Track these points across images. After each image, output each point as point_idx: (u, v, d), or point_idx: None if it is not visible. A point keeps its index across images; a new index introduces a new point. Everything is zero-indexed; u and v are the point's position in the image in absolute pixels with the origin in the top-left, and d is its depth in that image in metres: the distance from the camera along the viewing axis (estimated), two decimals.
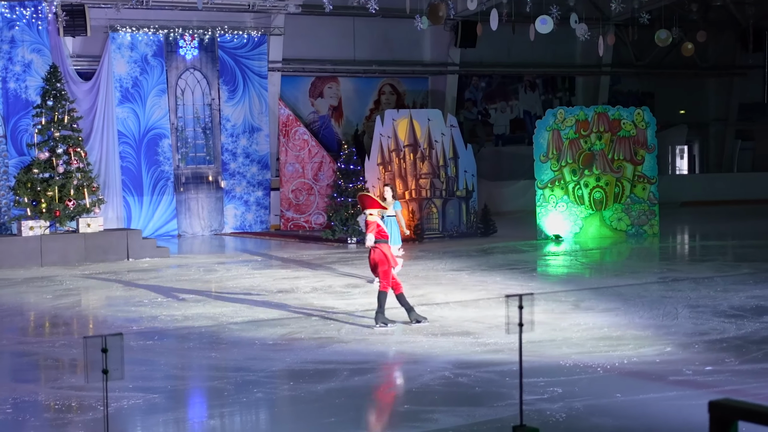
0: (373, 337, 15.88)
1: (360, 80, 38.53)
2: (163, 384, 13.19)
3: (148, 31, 33.35)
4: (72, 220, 26.75)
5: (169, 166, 33.66)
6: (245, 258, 27.39)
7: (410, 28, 32.41)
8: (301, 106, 37.28)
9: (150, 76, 33.43)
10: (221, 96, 34.70)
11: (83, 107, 31.62)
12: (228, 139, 34.74)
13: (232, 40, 34.67)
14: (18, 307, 19.71)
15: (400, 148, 30.98)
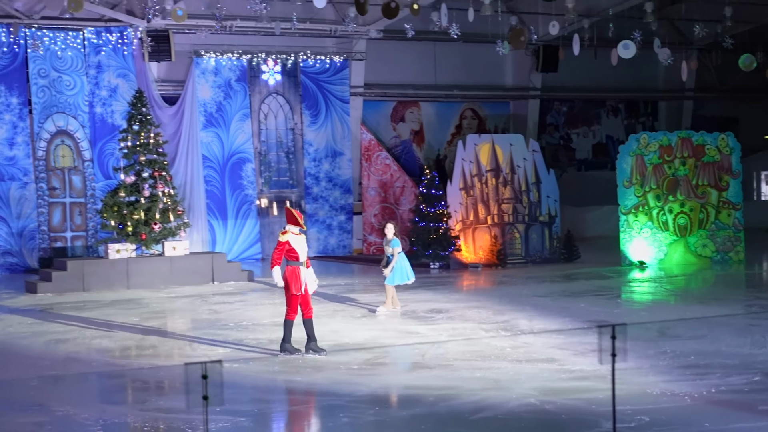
0: (458, 363, 15.84)
1: (441, 105, 38.56)
2: (250, 407, 13.26)
3: (232, 56, 33.67)
4: (158, 243, 27.02)
5: (253, 190, 33.90)
6: (329, 282, 27.45)
7: (492, 53, 32.40)
8: (382, 130, 37.38)
9: (233, 100, 33.73)
10: (304, 120, 34.92)
11: (168, 131, 31.98)
12: (311, 163, 34.93)
13: (315, 65, 34.90)
14: (106, 330, 19.93)
15: (482, 172, 30.95)
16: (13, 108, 30.97)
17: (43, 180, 31.29)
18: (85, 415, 12.95)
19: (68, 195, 31.65)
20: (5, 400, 14.06)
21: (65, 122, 31.64)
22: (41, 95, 31.33)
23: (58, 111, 31.61)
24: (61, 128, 31.63)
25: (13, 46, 30.95)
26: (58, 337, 18.91)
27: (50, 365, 16.42)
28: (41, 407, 13.45)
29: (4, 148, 30.84)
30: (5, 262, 30.57)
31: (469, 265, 30.14)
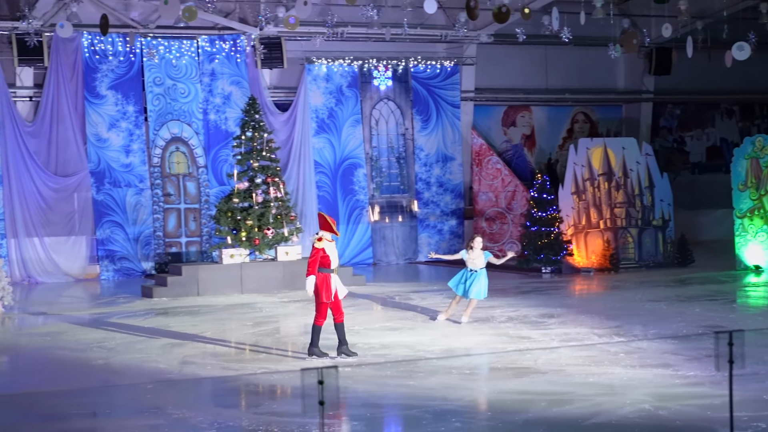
0: (570, 368, 15.75)
1: (553, 109, 38.35)
2: (362, 411, 13.33)
3: (343, 62, 33.88)
4: (271, 248, 27.26)
5: (364, 195, 34.05)
6: (440, 287, 27.43)
7: (603, 56, 32.16)
8: (493, 135, 37.29)
9: (345, 106, 33.93)
10: (415, 125, 34.99)
11: (280, 138, 32.29)
12: (422, 168, 34.98)
13: (425, 70, 34.96)
14: (220, 334, 20.17)
15: (595, 176, 30.72)
16: (129, 116, 31.51)
17: (159, 186, 31.78)
18: (200, 418, 13.12)
19: (183, 201, 32.10)
20: (123, 403, 14.31)
21: (180, 129, 32.11)
22: (156, 103, 31.83)
23: (173, 118, 32.08)
24: (175, 135, 32.10)
25: (130, 55, 31.50)
26: (174, 342, 19.19)
27: (165, 369, 16.67)
28: (157, 410, 13.66)
29: (120, 155, 31.39)
30: (122, 267, 31.10)
31: (581, 269, 29.93)
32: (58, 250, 30.69)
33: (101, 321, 22.57)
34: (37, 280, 30.28)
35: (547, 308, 22.50)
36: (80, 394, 14.88)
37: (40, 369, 16.82)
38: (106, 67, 31.29)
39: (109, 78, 31.33)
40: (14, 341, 20.00)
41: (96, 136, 31.12)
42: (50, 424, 13.07)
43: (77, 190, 31.03)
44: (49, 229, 30.61)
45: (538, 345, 17.91)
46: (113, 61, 31.35)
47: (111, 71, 31.35)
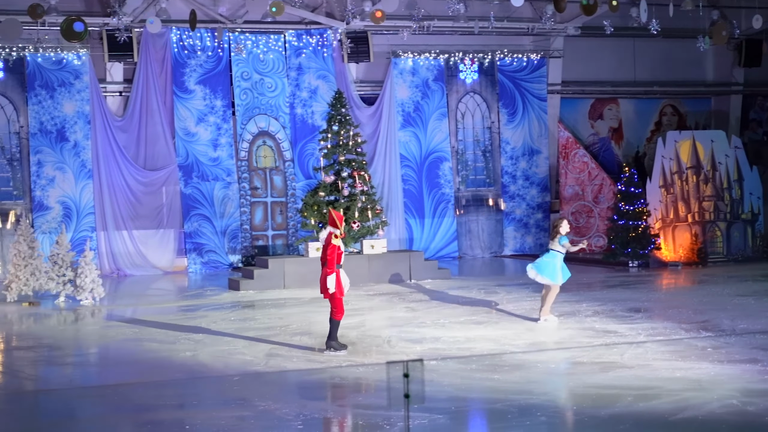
0: (657, 363, 15.64)
1: (640, 101, 38.00)
2: (447, 405, 13.34)
3: (429, 56, 33.87)
4: (356, 241, 27.36)
5: (450, 189, 34.02)
6: (525, 280, 27.32)
7: (692, 48, 31.83)
8: (580, 128, 37.05)
9: (431, 100, 33.92)
10: (501, 119, 34.88)
11: (367, 131, 32.37)
12: (507, 161, 34.87)
13: (512, 63, 34.83)
14: (306, 327, 20.28)
15: (683, 170, 30.42)
16: (217, 110, 31.79)
17: (246, 180, 32.01)
18: (286, 410, 13.23)
19: (270, 194, 32.32)
20: (210, 395, 14.46)
21: (267, 123, 32.31)
22: (244, 97, 32.07)
23: (260, 113, 32.29)
24: (262, 129, 32.32)
25: (218, 50, 31.77)
26: (260, 334, 19.35)
27: (252, 361, 16.81)
28: (243, 402, 13.80)
29: (208, 149, 31.68)
30: (209, 260, 31.38)
31: (668, 263, 29.69)
32: (146, 243, 31.07)
33: (189, 313, 22.82)
34: (126, 273, 30.68)
35: (633, 302, 22.35)
36: (168, 386, 15.07)
37: (128, 361, 17.05)
38: (194, 62, 31.59)
39: (198, 73, 31.62)
40: (103, 333, 20.29)
41: (184, 131, 31.43)
42: (138, 415, 13.25)
43: (166, 183, 31.38)
44: (137, 222, 30.99)
45: (625, 339, 17.80)
46: (201, 56, 31.65)
47: (199, 66, 31.64)
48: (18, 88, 30.32)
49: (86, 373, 16.28)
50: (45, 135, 30.27)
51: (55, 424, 13.03)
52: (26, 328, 21.33)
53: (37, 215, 29.96)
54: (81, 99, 30.56)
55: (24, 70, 30.23)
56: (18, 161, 30.35)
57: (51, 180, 30.21)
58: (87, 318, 22.35)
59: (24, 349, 18.67)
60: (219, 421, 12.76)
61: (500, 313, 21.40)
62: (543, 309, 19.95)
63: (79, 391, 14.89)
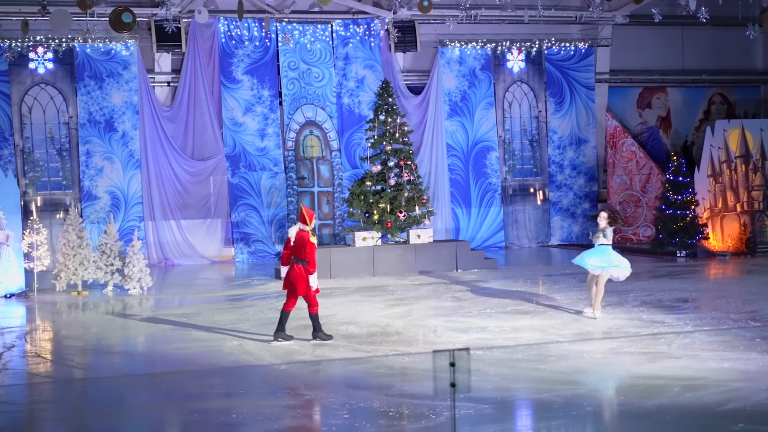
0: (704, 353, 15.56)
1: (689, 90, 37.73)
2: (494, 395, 13.34)
3: (476, 45, 33.79)
4: (403, 231, 27.37)
5: (497, 179, 33.96)
6: (572, 270, 27.27)
7: (741, 36, 31.50)
8: (628, 117, 36.84)
9: (478, 89, 33.85)
10: (548, 108, 34.77)
11: (413, 121, 32.38)
12: (554, 151, 34.75)
13: (559, 52, 34.69)
14: (352, 316, 20.33)
15: (732, 159, 30.20)
16: (264, 100, 31.88)
17: (293, 170, 32.09)
18: (332, 399, 13.28)
19: (316, 184, 32.38)
20: (257, 383, 14.52)
21: (314, 113, 32.37)
22: (291, 87, 32.15)
23: (307, 102, 32.35)
24: (309, 119, 32.38)
25: (265, 40, 31.85)
26: (307, 323, 19.39)
27: (298, 350, 16.87)
28: (290, 391, 13.86)
29: (255, 139, 31.78)
30: (256, 250, 31.50)
31: (716, 253, 29.50)
32: (194, 232, 31.24)
33: (235, 303, 22.93)
34: (174, 263, 30.86)
35: (681, 293, 22.23)
36: (214, 375, 15.16)
37: (175, 350, 17.15)
38: (241, 52, 31.68)
39: (245, 63, 31.72)
40: (151, 323, 20.43)
41: (232, 120, 31.55)
42: (186, 404, 13.33)
43: (213, 173, 31.54)
44: (185, 212, 31.17)
45: (672, 330, 17.72)
46: (249, 46, 31.74)
47: (247, 56, 31.73)
48: (67, 79, 30.55)
49: (134, 362, 16.40)
50: (94, 125, 30.49)
51: (103, 412, 13.13)
52: (74, 318, 21.52)
53: (86, 205, 30.19)
54: (129, 89, 30.75)
55: (73, 60, 30.46)
56: (67, 151, 30.58)
57: (99, 170, 30.44)
58: (134, 307, 22.50)
59: (72, 338, 18.83)
60: (265, 410, 12.82)
61: (546, 303, 21.34)
62: (596, 304, 19.55)
63: (126, 380, 15.00)
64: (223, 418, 12.55)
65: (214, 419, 12.56)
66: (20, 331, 19.91)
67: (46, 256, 24.45)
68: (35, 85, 30.35)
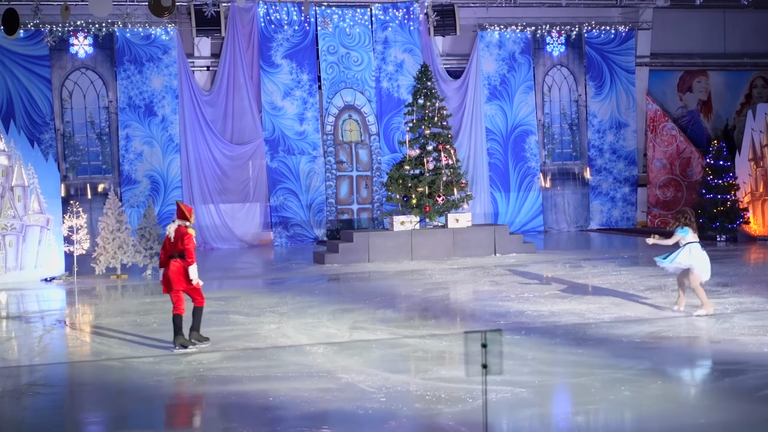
0: (744, 338, 15.46)
1: (730, 74, 37.46)
2: (531, 379, 13.31)
3: (516, 28, 33.67)
4: (441, 215, 27.33)
5: (536, 162, 33.85)
6: (611, 255, 27.19)
7: None
8: (668, 100, 36.63)
9: (517, 73, 33.74)
10: (588, 92, 34.61)
11: (452, 105, 32.31)
12: (594, 135, 34.60)
13: (599, 35, 34.51)
14: (390, 300, 20.34)
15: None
16: (303, 84, 31.90)
17: (331, 154, 32.11)
18: (369, 382, 13.29)
19: (355, 168, 32.39)
20: (294, 366, 14.54)
21: (353, 97, 32.37)
22: (330, 71, 32.14)
23: (346, 86, 32.35)
24: (348, 103, 32.38)
25: (304, 25, 31.86)
26: (344, 307, 19.44)
27: (336, 333, 16.89)
28: (327, 374, 13.87)
29: (294, 123, 31.81)
30: (295, 234, 31.57)
31: (757, 237, 29.29)
32: (233, 216, 31.34)
33: (274, 286, 22.99)
34: (213, 246, 30.98)
35: (721, 277, 22.07)
36: (252, 357, 15.19)
37: (214, 332, 17.20)
38: (281, 36, 31.71)
39: (284, 47, 31.74)
40: (189, 305, 20.50)
41: (271, 105, 31.59)
42: (223, 386, 13.38)
43: (252, 158, 31.61)
44: (224, 196, 31.27)
45: (712, 314, 17.58)
46: (288, 30, 31.75)
47: (286, 40, 31.75)
48: (107, 63, 30.69)
49: (171, 344, 16.45)
50: (133, 110, 30.62)
51: (141, 395, 13.20)
52: (113, 301, 21.63)
53: (125, 189, 30.35)
54: (169, 74, 30.85)
55: (113, 45, 30.59)
56: (107, 136, 30.73)
57: (139, 154, 30.58)
58: None
59: (111, 321, 18.92)
60: (302, 393, 12.85)
61: (586, 287, 21.26)
62: (704, 301, 18.36)
63: (164, 361, 15.06)
64: (260, 401, 12.59)
65: (251, 402, 12.60)
66: (60, 314, 20.05)
67: (85, 240, 24.56)
68: (75, 70, 30.51)
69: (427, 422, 11.60)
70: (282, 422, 11.76)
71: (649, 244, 18.92)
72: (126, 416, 12.45)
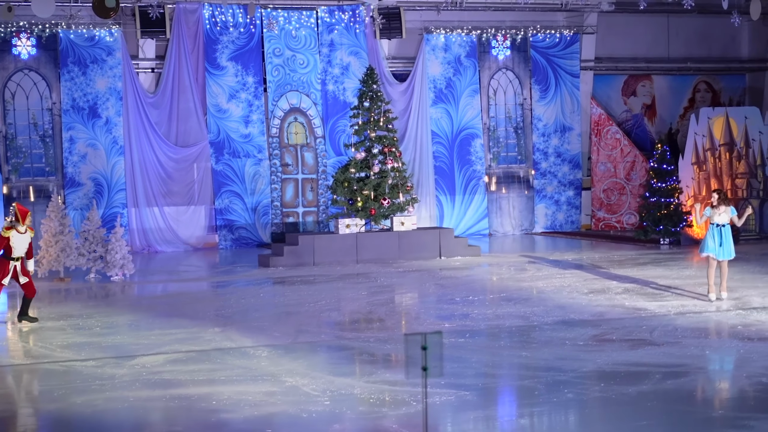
0: (686, 341, 15.58)
1: (674, 78, 37.75)
2: (475, 381, 13.34)
3: (462, 32, 33.73)
4: (386, 218, 27.34)
5: (481, 166, 33.93)
6: (556, 258, 27.33)
7: (727, 24, 31.51)
8: (613, 104, 36.85)
9: (463, 76, 33.81)
10: (533, 95, 34.74)
11: (398, 108, 32.32)
12: (539, 138, 34.75)
13: (545, 39, 34.65)
14: (335, 303, 20.32)
15: (716, 147, 30.24)
16: (248, 87, 31.79)
17: (277, 157, 32.04)
18: (313, 386, 13.26)
19: (300, 171, 32.32)
20: (239, 370, 14.49)
21: (298, 100, 32.30)
22: (276, 74, 32.06)
23: (291, 89, 32.27)
24: (294, 106, 32.31)
25: (250, 27, 31.74)
26: (289, 310, 19.40)
27: (281, 337, 16.85)
28: (272, 377, 13.83)
29: (240, 125, 31.70)
30: (240, 237, 31.46)
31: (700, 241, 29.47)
32: (177, 219, 31.18)
33: (219, 289, 22.90)
34: (157, 249, 30.81)
35: (664, 280, 22.25)
36: (196, 360, 15.12)
37: (157, 336, 17.10)
38: (226, 38, 31.58)
39: (230, 49, 31.62)
40: (134, 308, 20.40)
41: (216, 107, 31.47)
42: (167, 390, 13.29)
43: (197, 160, 31.47)
44: (169, 198, 31.11)
45: (655, 317, 17.71)
46: (233, 32, 31.64)
47: (231, 42, 31.63)
48: (51, 65, 30.43)
49: (115, 347, 16.34)
50: (77, 111, 30.39)
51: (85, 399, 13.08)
52: (57, 304, 21.44)
53: (69, 191, 30.11)
54: (113, 75, 30.65)
55: (57, 46, 30.34)
56: (50, 138, 30.48)
57: (83, 156, 30.35)
58: (117, 294, 22.46)
59: (53, 324, 18.76)
60: (247, 396, 12.80)
61: (530, 290, 21.34)
62: (723, 285, 19.54)
63: (107, 365, 14.95)
64: (204, 405, 12.53)
65: (195, 405, 12.53)
66: (1, 317, 19.86)
67: None
68: (18, 71, 30.24)
69: (371, 425, 11.58)
70: (226, 426, 11.70)
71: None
72: (69, 421, 12.33)
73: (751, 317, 17.48)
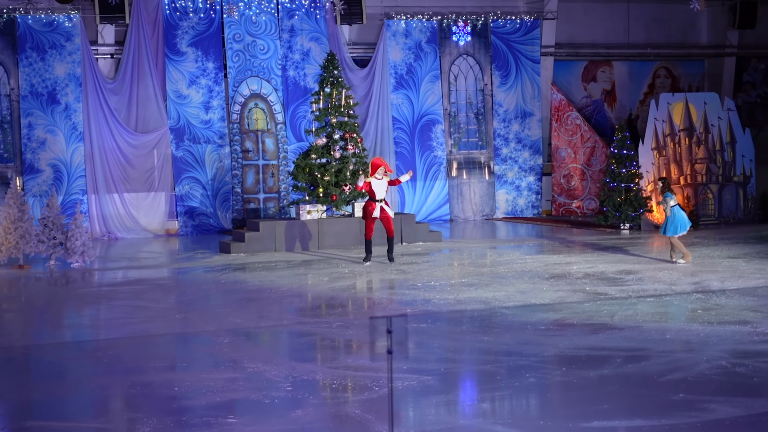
0: (647, 325, 15.66)
1: (634, 64, 37.90)
2: (437, 366, 13.36)
3: (423, 17, 33.73)
4: (348, 204, 27.32)
5: (442, 152, 33.96)
6: (516, 243, 27.41)
7: (686, 10, 31.64)
8: (573, 90, 36.97)
9: (424, 62, 33.81)
10: (494, 81, 34.78)
11: (359, 94, 32.27)
12: (500, 124, 34.81)
13: (505, 25, 34.69)
14: (297, 289, 20.29)
15: (675, 132, 30.38)
16: (209, 72, 31.66)
17: (237, 143, 31.94)
18: (275, 372, 13.24)
19: (261, 157, 32.25)
20: (200, 356, 14.46)
21: (259, 86, 32.19)
22: (236, 60, 31.94)
23: (252, 75, 32.16)
24: (254, 92, 32.20)
25: (210, 12, 31.59)
26: (251, 296, 19.35)
27: (242, 323, 16.81)
28: (233, 364, 13.80)
29: (200, 111, 31.57)
30: (200, 223, 31.34)
31: (660, 226, 29.65)
32: (137, 206, 31.03)
33: (179, 276, 22.82)
34: (117, 236, 30.66)
35: (625, 264, 22.36)
36: (157, 347, 15.08)
37: (118, 323, 17.04)
38: (186, 23, 31.42)
39: (190, 35, 31.46)
40: (95, 295, 20.30)
41: (176, 93, 31.32)
42: (127, 376, 13.24)
43: (157, 146, 31.31)
44: (128, 185, 30.95)
45: (615, 301, 17.80)
46: (193, 17, 31.47)
47: (191, 28, 31.47)
48: (8, 51, 30.17)
49: (76, 334, 16.26)
50: (36, 97, 30.17)
51: (44, 385, 13.02)
52: (16, 291, 21.31)
53: (28, 178, 29.92)
54: (72, 61, 30.44)
55: (15, 32, 30.08)
56: (8, 124, 30.25)
57: (42, 143, 30.14)
58: (77, 281, 22.34)
59: (13, 311, 18.66)
60: (208, 382, 12.76)
61: (492, 275, 21.39)
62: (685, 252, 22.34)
63: (69, 352, 14.88)
64: (165, 391, 12.48)
65: (156, 392, 12.48)
66: None
67: None
68: None
69: (334, 411, 11.58)
70: (188, 412, 11.66)
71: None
72: (30, 407, 12.26)
73: (710, 301, 17.59)
